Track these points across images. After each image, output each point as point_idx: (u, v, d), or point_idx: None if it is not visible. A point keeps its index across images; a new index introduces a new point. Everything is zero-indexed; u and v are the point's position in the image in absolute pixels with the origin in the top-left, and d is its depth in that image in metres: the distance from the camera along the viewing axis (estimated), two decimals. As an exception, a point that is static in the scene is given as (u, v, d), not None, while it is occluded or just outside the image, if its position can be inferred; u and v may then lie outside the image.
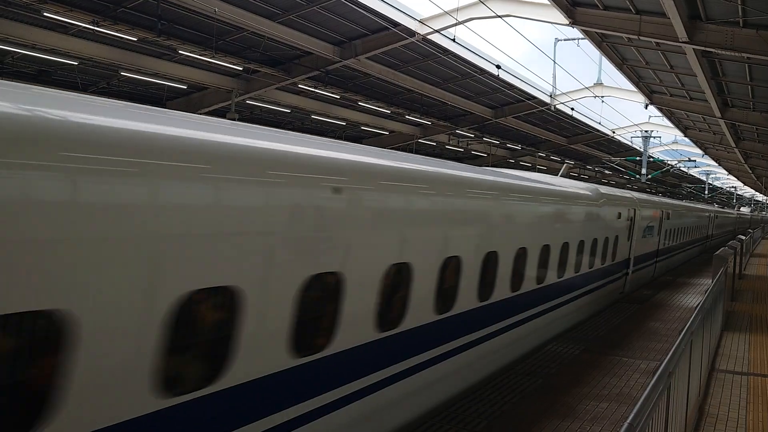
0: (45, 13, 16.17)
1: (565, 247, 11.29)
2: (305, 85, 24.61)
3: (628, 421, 3.07)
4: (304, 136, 6.09)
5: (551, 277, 10.77)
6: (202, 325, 4.34)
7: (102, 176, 3.49)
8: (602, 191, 14.56)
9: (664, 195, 59.67)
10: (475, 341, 8.18)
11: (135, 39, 18.49)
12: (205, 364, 4.36)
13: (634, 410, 3.25)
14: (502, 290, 8.68)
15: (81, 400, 3.41)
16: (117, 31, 17.63)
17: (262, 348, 4.66)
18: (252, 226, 4.49)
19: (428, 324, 6.97)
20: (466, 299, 7.72)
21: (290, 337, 4.87)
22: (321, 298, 5.35)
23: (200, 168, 4.10)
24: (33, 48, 18.81)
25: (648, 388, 3.70)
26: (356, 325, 5.72)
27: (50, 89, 4.39)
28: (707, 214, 37.81)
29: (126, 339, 3.67)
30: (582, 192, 13.03)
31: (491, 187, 8.76)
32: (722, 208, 63.97)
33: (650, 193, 36.30)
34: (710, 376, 9.20)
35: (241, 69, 22.54)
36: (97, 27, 17.01)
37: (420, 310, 6.76)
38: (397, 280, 6.32)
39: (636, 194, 19.12)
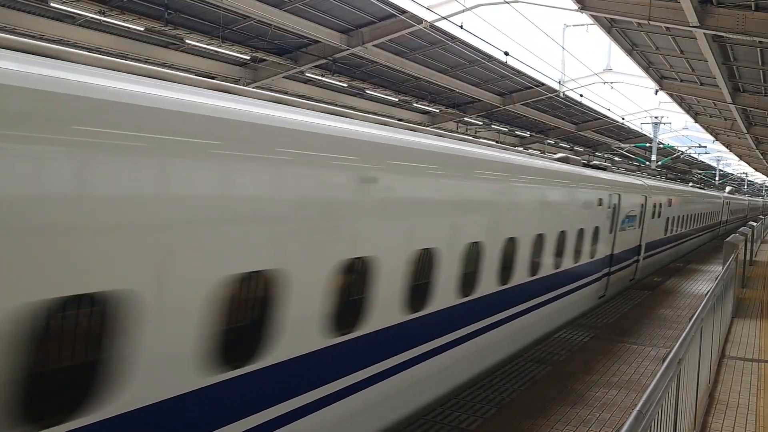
0: (52, 3, 16.17)
1: (707, 214, 31.00)
2: (312, 74, 24.56)
3: (637, 408, 3.06)
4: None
5: (705, 222, 31.17)
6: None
7: None
8: (724, 196, 39.62)
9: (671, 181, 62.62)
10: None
11: (142, 29, 18.47)
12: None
13: (644, 397, 3.24)
14: (700, 225, 29.16)
15: None
16: (124, 21, 17.60)
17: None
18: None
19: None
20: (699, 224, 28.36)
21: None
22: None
23: None
24: (41, 39, 18.83)
25: (658, 375, 3.69)
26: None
27: None
28: (746, 202, 59.35)
29: None
30: (718, 194, 38.18)
31: (702, 196, 28.99)
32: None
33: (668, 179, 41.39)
34: (720, 362, 9.18)
35: (248, 58, 22.49)
36: (104, 17, 17.01)
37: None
38: None
39: (724, 194, 42.08)
